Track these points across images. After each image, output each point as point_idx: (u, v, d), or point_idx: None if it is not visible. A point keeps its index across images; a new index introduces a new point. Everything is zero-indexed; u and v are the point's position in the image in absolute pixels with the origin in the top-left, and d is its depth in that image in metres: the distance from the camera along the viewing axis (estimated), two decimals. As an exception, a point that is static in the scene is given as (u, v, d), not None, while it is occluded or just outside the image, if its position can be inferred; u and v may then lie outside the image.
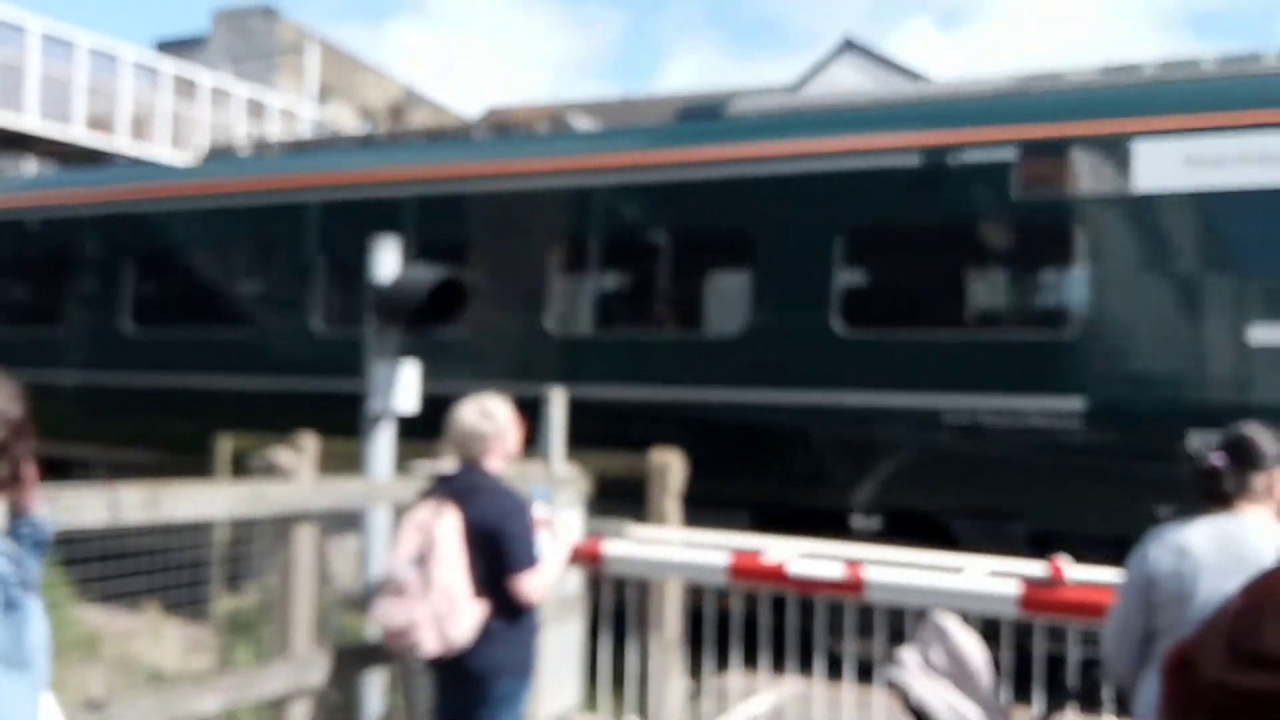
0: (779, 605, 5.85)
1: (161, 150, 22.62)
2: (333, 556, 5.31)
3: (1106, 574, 4.73)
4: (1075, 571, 4.75)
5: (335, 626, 4.73)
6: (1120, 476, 7.02)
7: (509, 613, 3.98)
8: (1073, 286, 7.50)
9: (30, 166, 12.84)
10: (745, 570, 5.30)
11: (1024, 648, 5.29)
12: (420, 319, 4.87)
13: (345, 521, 5.02)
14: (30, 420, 2.35)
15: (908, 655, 3.68)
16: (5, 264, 11.78)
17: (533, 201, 9.05)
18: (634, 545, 5.78)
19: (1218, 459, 3.27)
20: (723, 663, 6.11)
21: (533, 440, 5.48)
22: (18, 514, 2.47)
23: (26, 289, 11.88)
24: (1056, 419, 7.13)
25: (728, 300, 8.50)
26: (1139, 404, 7.01)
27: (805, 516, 7.63)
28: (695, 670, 6.45)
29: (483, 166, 9.41)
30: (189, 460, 8.11)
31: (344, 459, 5.79)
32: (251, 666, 4.01)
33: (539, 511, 4.35)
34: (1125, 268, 7.22)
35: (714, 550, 5.59)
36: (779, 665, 5.87)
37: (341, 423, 6.38)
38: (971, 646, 3.62)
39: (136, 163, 16.40)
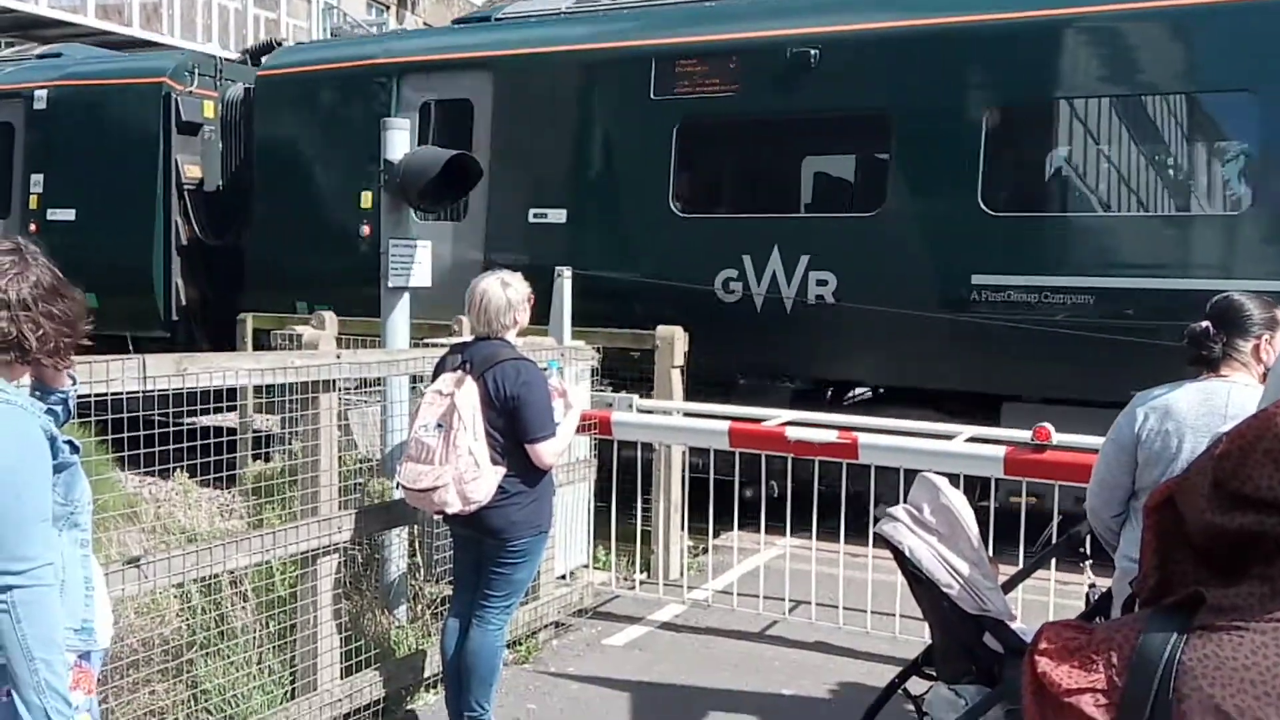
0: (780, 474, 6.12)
1: (171, 37, 22.14)
2: (353, 425, 5.54)
3: (1088, 439, 4.97)
4: (1059, 437, 4.99)
5: (359, 487, 4.97)
6: None
7: (527, 475, 4.19)
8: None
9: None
10: (746, 436, 5.55)
11: (1012, 507, 5.57)
12: (431, 197, 4.97)
13: (366, 392, 5.22)
14: (56, 296, 2.41)
15: (900, 511, 3.91)
16: None
17: None
18: (640, 414, 6.02)
19: (1205, 324, 3.34)
20: (724, 525, 6.43)
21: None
22: (47, 386, 2.60)
23: None
24: None
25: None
26: None
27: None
28: (700, 532, 6.78)
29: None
30: None
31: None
32: (280, 525, 4.24)
33: (553, 381, 4.53)
34: None
35: (716, 419, 5.84)
36: (779, 528, 6.18)
37: None
38: (960, 503, 3.84)
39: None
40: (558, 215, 8.55)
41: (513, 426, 4.13)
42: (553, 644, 5.58)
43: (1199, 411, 3.26)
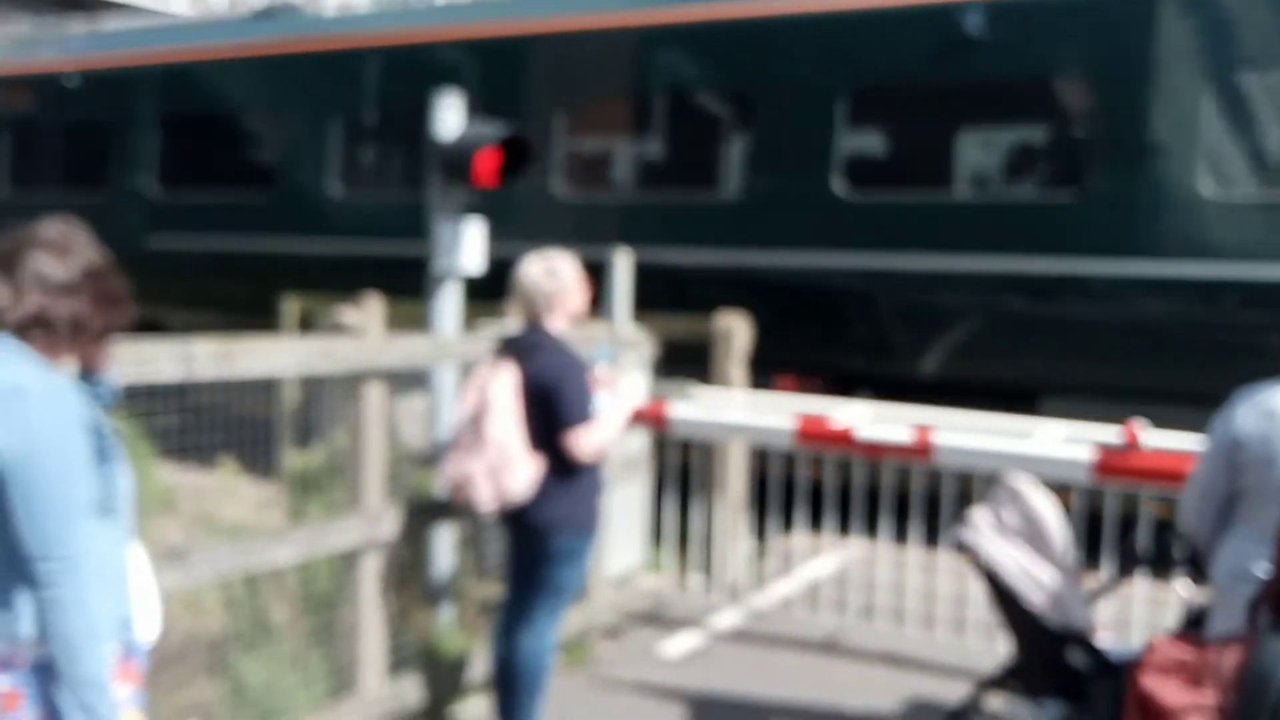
0: (844, 470, 5.84)
1: (179, 5, 22.23)
2: (400, 416, 5.37)
3: (1183, 440, 4.63)
4: (1151, 437, 4.65)
5: (404, 482, 4.80)
6: None
7: (565, 469, 3.99)
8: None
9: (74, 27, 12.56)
10: (813, 434, 5.27)
11: (1095, 511, 5.23)
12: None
13: (412, 381, 5.04)
14: (101, 278, 2.34)
15: (979, 516, 3.64)
16: (50, 125, 11.44)
17: None
18: (700, 408, 5.77)
19: None
20: (787, 526, 6.16)
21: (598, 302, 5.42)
22: (91, 371, 2.51)
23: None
24: None
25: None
26: None
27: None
28: (760, 533, 6.51)
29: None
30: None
31: (409, 321, 5.80)
32: (324, 520, 4.08)
33: (600, 371, 4.33)
34: None
35: (780, 414, 5.56)
36: (845, 529, 5.90)
37: None
38: (1046, 508, 3.57)
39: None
40: None
41: (550, 417, 3.93)
42: (606, 649, 5.36)
43: None
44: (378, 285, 7.03)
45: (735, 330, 6.27)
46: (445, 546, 4.95)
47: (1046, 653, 3.54)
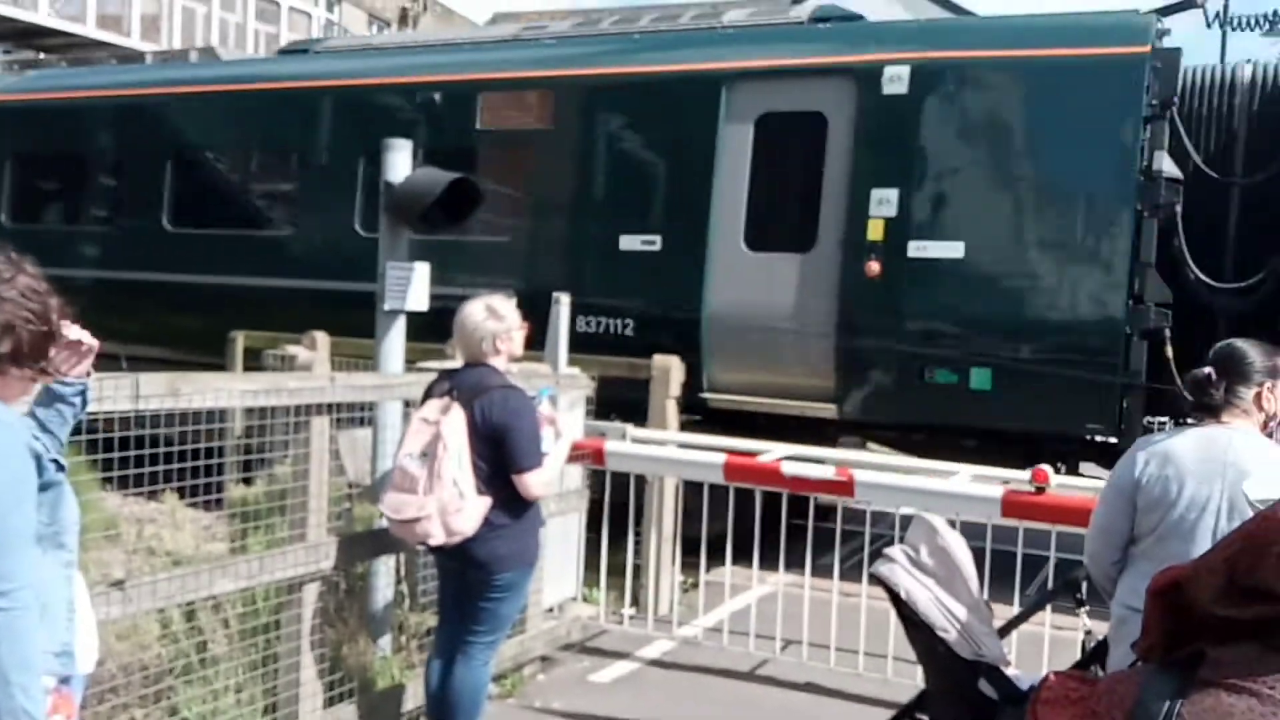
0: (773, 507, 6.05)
1: (172, 49, 22.18)
2: (343, 449, 5.46)
3: (1087, 482, 4.92)
4: (1058, 479, 4.94)
5: (347, 514, 4.89)
6: None
7: (513, 507, 4.10)
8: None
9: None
10: (741, 469, 5.48)
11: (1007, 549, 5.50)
12: (432, 219, 4.93)
13: (355, 416, 5.15)
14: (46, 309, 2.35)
15: (897, 552, 3.85)
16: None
17: None
18: (635, 444, 5.96)
19: (1207, 370, 3.33)
20: (717, 560, 6.35)
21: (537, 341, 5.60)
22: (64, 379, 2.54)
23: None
24: None
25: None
26: None
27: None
28: (690, 567, 6.69)
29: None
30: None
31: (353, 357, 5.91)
32: (267, 551, 4.16)
33: (544, 409, 4.47)
34: None
35: (711, 451, 5.77)
36: (771, 564, 6.10)
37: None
38: (958, 545, 3.78)
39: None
40: None
41: (499, 456, 4.04)
42: (539, 678, 5.49)
43: (1199, 458, 3.23)
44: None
45: (672, 370, 6.48)
46: (384, 578, 5.04)
47: (959, 683, 3.73)
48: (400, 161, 4.95)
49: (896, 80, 7.56)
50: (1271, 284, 6.98)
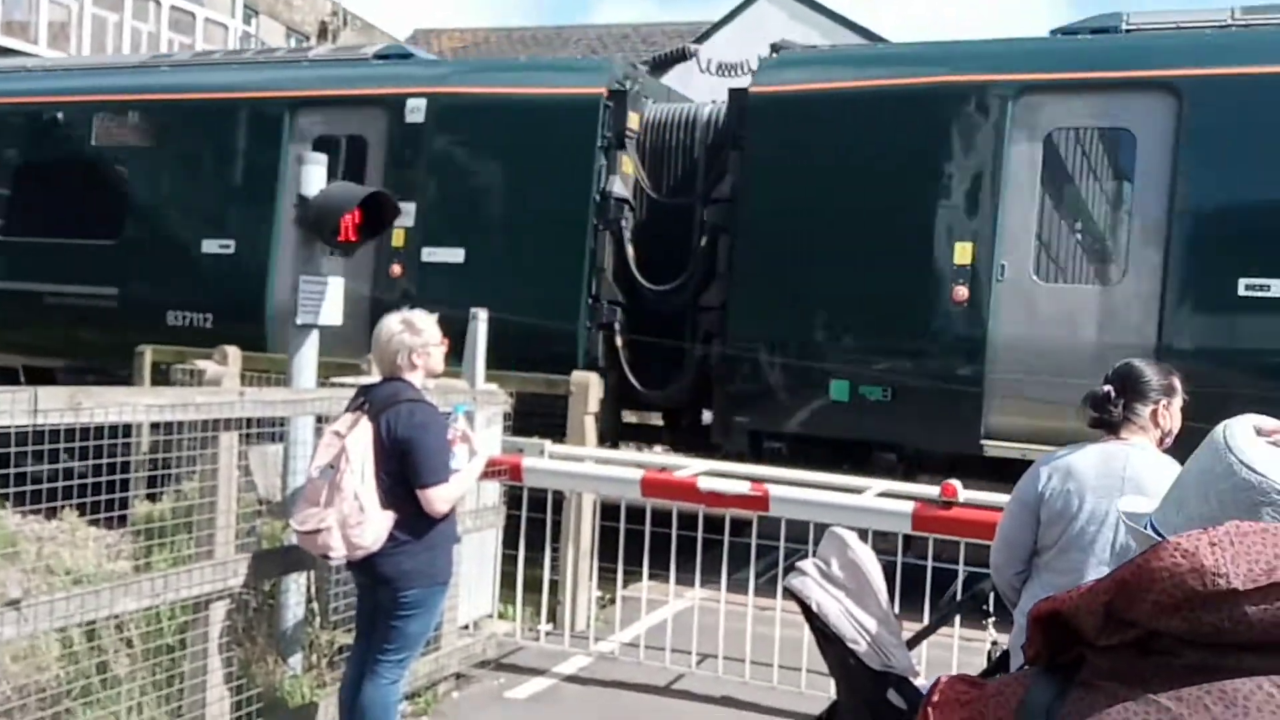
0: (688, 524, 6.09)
1: (81, 58, 21.60)
2: (253, 465, 5.37)
3: (994, 497, 5.05)
4: (965, 494, 5.06)
5: (256, 530, 4.81)
6: None
7: (419, 523, 4.06)
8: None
9: None
10: (657, 485, 5.51)
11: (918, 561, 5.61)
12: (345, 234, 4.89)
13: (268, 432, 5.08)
14: None
15: (808, 565, 3.91)
16: None
17: None
18: (552, 460, 5.95)
19: (1106, 388, 3.45)
20: (634, 575, 6.36)
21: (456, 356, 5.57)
22: None
23: None
24: None
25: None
26: None
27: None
28: (607, 582, 6.69)
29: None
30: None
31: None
32: (172, 569, 4.07)
33: (459, 426, 4.44)
34: None
35: (628, 467, 5.79)
36: (689, 579, 6.13)
37: None
38: (868, 559, 3.85)
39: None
40: None
41: (404, 471, 4.01)
42: (454, 696, 5.44)
43: (1099, 473, 3.35)
44: None
45: (589, 386, 6.50)
46: (295, 595, 4.96)
47: (868, 694, 3.80)
48: (315, 175, 4.89)
49: (416, 111, 8.88)
50: (691, 285, 8.32)
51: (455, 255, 8.57)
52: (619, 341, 8.38)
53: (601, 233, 8.32)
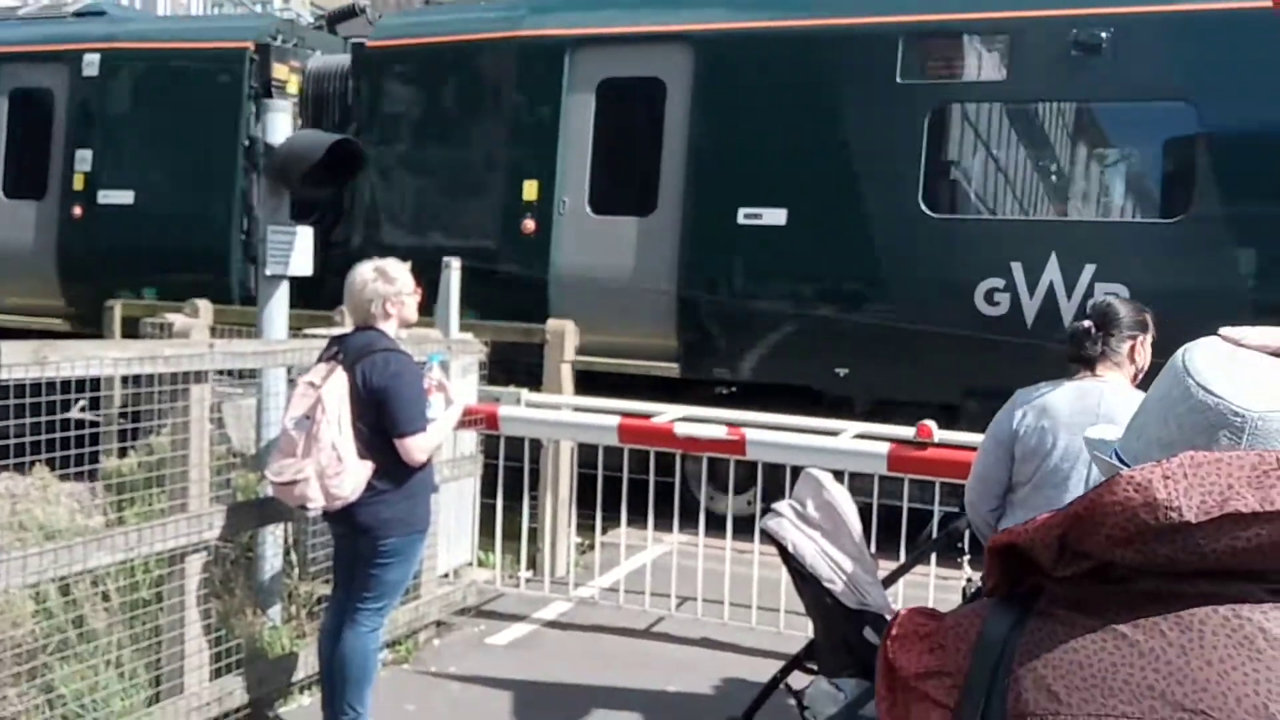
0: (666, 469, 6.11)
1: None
2: (227, 418, 5.33)
3: (969, 437, 5.07)
4: (941, 434, 5.08)
5: (231, 483, 4.78)
6: None
7: (397, 472, 4.05)
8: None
9: None
10: (634, 431, 5.51)
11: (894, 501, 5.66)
12: (313, 181, 4.82)
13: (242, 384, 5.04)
14: None
15: (784, 507, 3.92)
16: None
17: None
18: (529, 409, 5.94)
19: (1087, 324, 3.48)
20: (613, 522, 6.38)
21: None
22: None
23: None
24: None
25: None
26: None
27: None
28: (586, 529, 6.72)
29: None
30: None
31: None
32: (146, 522, 4.04)
33: (434, 375, 4.42)
34: None
35: (605, 414, 5.79)
36: (666, 525, 6.16)
37: None
38: (843, 499, 3.87)
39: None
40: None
41: (381, 420, 4.00)
42: (434, 644, 5.46)
43: (1073, 410, 3.37)
44: None
45: (565, 334, 6.47)
46: (272, 547, 4.95)
47: (845, 632, 3.83)
48: (280, 123, 4.81)
49: (91, 65, 9.63)
50: (325, 223, 8.68)
51: (126, 197, 9.39)
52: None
53: (250, 175, 8.90)
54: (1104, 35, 6.89)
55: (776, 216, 7.55)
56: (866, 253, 7.38)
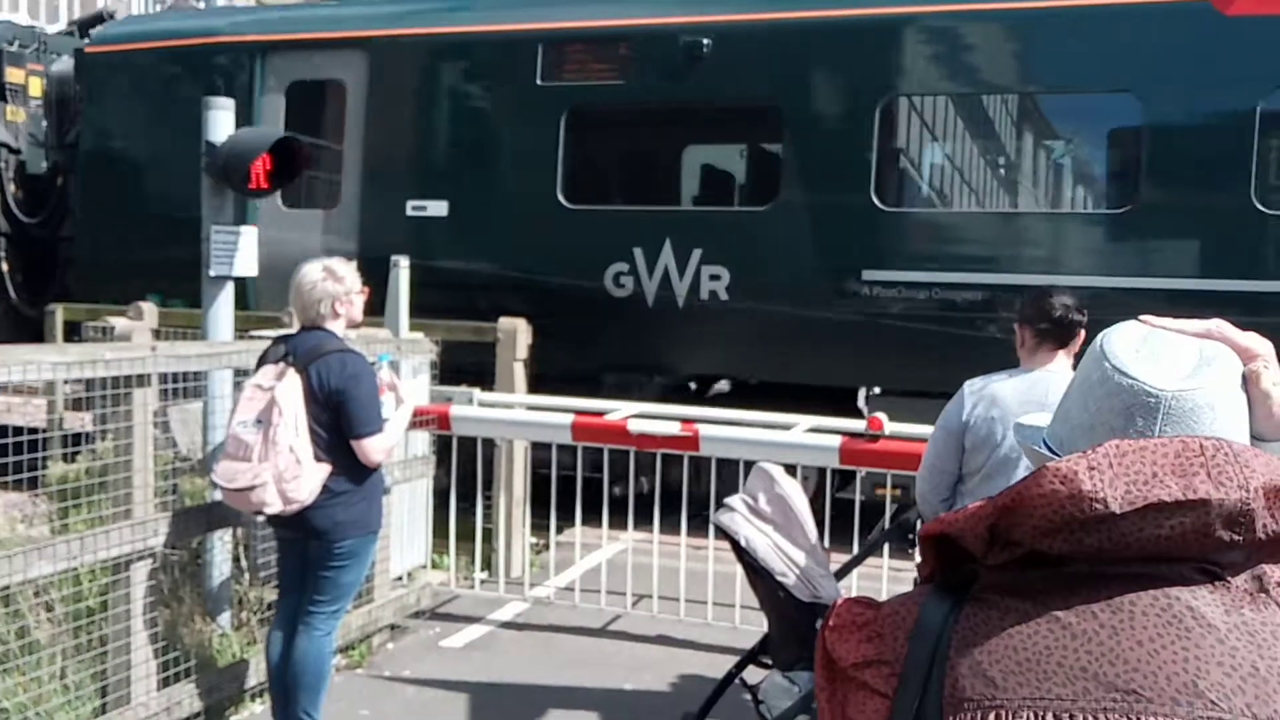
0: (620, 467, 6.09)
1: (17, 16, 20.66)
2: (174, 423, 5.24)
3: (920, 428, 5.11)
4: (892, 427, 5.12)
5: (178, 488, 4.70)
6: None
7: (353, 473, 4.01)
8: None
9: None
10: (588, 429, 5.50)
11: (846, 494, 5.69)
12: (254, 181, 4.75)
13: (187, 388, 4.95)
14: None
15: (736, 501, 3.93)
16: None
17: None
18: (481, 408, 5.90)
19: (1070, 301, 3.52)
20: (568, 522, 6.36)
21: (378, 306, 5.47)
22: None
23: None
24: None
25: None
26: None
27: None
28: (540, 529, 6.69)
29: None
30: None
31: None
32: (89, 530, 3.96)
33: (384, 375, 4.38)
34: None
35: (558, 412, 5.76)
36: (622, 523, 6.15)
37: None
38: (794, 492, 3.88)
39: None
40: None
41: (337, 422, 3.95)
42: (388, 647, 5.41)
43: (1022, 400, 3.40)
44: None
45: (517, 333, 6.43)
46: (221, 552, 4.88)
47: (798, 626, 3.85)
48: (222, 121, 4.74)
49: None
50: (54, 219, 9.77)
51: None
52: (4, 266, 9.84)
53: None
54: (706, 43, 7.55)
55: (440, 208, 8.10)
56: (518, 240, 7.99)
